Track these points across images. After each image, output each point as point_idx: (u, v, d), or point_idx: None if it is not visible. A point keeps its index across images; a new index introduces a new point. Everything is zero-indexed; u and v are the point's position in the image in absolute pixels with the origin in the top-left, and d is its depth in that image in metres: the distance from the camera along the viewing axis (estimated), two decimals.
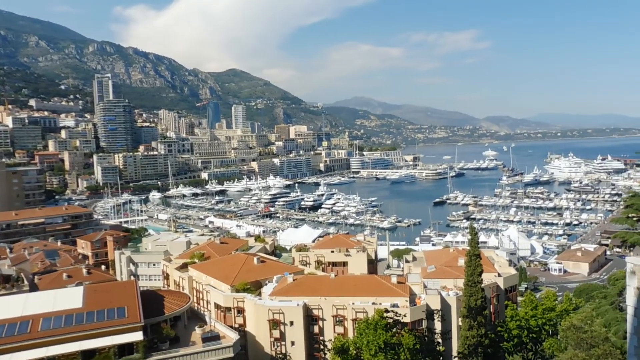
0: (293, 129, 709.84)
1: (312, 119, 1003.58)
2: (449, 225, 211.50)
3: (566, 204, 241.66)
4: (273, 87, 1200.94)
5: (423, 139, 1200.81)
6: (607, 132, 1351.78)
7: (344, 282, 67.02)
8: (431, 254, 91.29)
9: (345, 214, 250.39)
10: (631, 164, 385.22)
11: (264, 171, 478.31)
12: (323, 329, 59.72)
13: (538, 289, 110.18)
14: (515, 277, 77.97)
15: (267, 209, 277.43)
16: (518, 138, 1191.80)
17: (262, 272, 69.91)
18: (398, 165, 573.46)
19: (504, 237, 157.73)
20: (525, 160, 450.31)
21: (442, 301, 60.63)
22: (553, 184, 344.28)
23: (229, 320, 60.93)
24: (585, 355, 39.61)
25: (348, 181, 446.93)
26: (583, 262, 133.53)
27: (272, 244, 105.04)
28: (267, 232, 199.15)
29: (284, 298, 61.06)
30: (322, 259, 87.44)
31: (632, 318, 18.32)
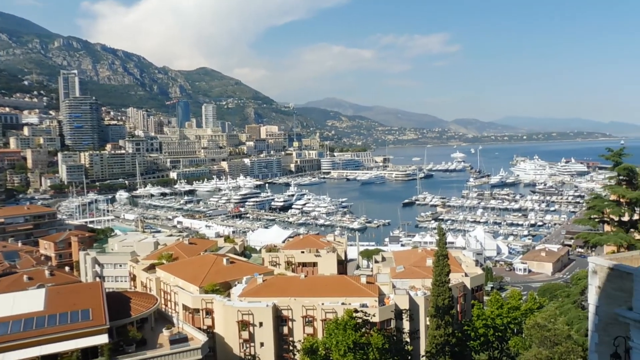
0: (264, 129, 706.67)
1: (284, 119, 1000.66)
2: (418, 225, 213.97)
3: (531, 205, 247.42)
4: (244, 87, 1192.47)
5: (393, 141, 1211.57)
6: (571, 135, 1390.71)
7: (313, 283, 67.05)
8: (400, 254, 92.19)
9: (316, 214, 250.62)
10: (593, 166, 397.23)
11: (234, 171, 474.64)
12: (293, 329, 59.58)
13: (504, 289, 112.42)
14: (482, 277, 79.45)
15: (237, 209, 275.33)
16: (485, 141, 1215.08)
17: (232, 273, 69.34)
18: (368, 166, 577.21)
19: (471, 237, 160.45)
20: (492, 163, 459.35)
21: (410, 301, 61.26)
22: (518, 186, 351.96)
23: (197, 322, 60.19)
24: (548, 353, 40.58)
25: (319, 182, 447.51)
26: (547, 262, 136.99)
27: (242, 245, 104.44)
28: (236, 233, 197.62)
29: (254, 299, 60.66)
30: (292, 259, 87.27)
31: (594, 316, 18.81)
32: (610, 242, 49.25)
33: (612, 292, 17.68)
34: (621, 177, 51.87)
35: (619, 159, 53.43)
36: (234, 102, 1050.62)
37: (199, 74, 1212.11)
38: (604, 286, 18.11)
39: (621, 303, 17.14)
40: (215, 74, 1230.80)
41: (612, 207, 50.97)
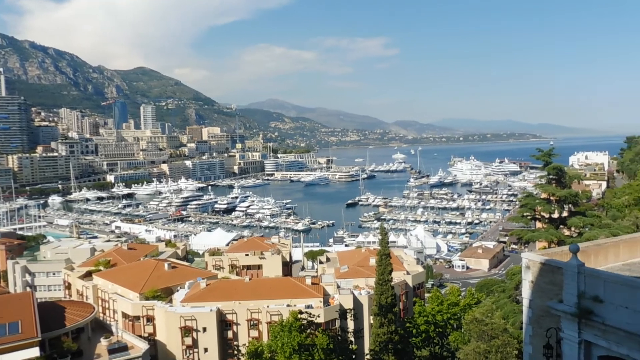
0: (206, 130, 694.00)
1: (226, 121, 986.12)
2: (361, 226, 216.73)
3: (468, 204, 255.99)
4: (184, 87, 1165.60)
5: (336, 142, 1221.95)
6: (504, 137, 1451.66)
7: (258, 286, 66.59)
8: (344, 254, 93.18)
9: (260, 216, 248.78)
10: (525, 166, 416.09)
11: (175, 173, 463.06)
12: (237, 333, 58.92)
13: (443, 285, 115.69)
14: (423, 275, 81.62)
15: (178, 213, 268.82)
16: (424, 142, 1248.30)
17: (174, 278, 67.72)
18: (312, 168, 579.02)
19: (412, 236, 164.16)
20: (431, 163, 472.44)
21: (354, 300, 62.03)
22: (456, 186, 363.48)
23: (137, 330, 58.34)
24: (486, 346, 42.19)
25: (262, 183, 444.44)
26: (483, 258, 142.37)
27: (184, 249, 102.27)
28: (178, 237, 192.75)
29: (197, 304, 59.51)
30: (236, 262, 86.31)
31: (527, 309, 19.68)
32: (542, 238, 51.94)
33: (544, 286, 18.59)
34: (551, 176, 54.84)
35: (548, 159, 56.47)
36: (174, 102, 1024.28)
37: (136, 73, 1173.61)
38: (536, 280, 19.01)
39: (552, 296, 18.05)
40: (154, 74, 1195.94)
41: (543, 204, 53.78)
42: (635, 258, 21.65)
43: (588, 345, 16.89)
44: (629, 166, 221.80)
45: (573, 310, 16.79)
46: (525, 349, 20.32)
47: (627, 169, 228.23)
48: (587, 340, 16.83)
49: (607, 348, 16.22)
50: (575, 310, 16.72)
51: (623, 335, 15.40)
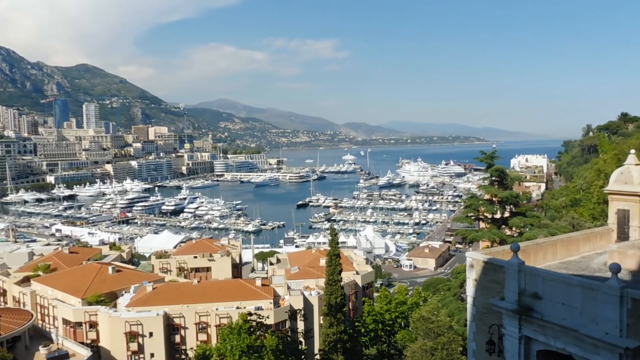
0: (152, 130, 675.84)
1: (174, 120, 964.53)
2: (312, 227, 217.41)
3: (415, 205, 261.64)
4: (130, 85, 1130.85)
5: (287, 143, 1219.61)
6: (450, 139, 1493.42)
7: (207, 288, 65.62)
8: (294, 255, 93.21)
9: (209, 218, 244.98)
10: (470, 168, 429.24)
11: (120, 174, 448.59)
12: (185, 337, 57.84)
13: (392, 285, 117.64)
14: (372, 275, 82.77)
15: (123, 215, 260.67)
16: (374, 143, 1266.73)
17: (118, 282, 65.70)
18: (262, 169, 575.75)
19: (361, 237, 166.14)
20: (380, 165, 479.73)
21: (304, 301, 62.19)
22: (404, 187, 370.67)
23: (79, 337, 56.23)
24: (432, 344, 43.29)
25: (212, 184, 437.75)
26: (430, 258, 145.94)
27: (130, 252, 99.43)
28: (123, 240, 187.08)
29: (143, 308, 57.98)
30: (184, 265, 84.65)
31: (471, 307, 20.34)
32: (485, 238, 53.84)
33: (487, 284, 19.28)
34: (493, 178, 56.93)
35: (491, 161, 58.60)
36: (118, 101, 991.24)
37: (79, 70, 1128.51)
38: (479, 279, 19.69)
39: (495, 294, 18.75)
40: (97, 72, 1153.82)
41: (486, 205, 55.75)
42: (571, 256, 22.81)
43: (528, 340, 17.65)
44: (566, 169, 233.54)
45: (514, 307, 17.51)
46: (469, 346, 21.00)
47: (564, 171, 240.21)
48: (527, 335, 17.59)
49: (545, 343, 17.01)
50: (515, 307, 17.43)
51: (559, 330, 16.20)
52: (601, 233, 24.69)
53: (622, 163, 25.80)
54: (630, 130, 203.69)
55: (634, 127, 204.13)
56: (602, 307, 14.81)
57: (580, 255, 23.04)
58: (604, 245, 23.36)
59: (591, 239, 24.01)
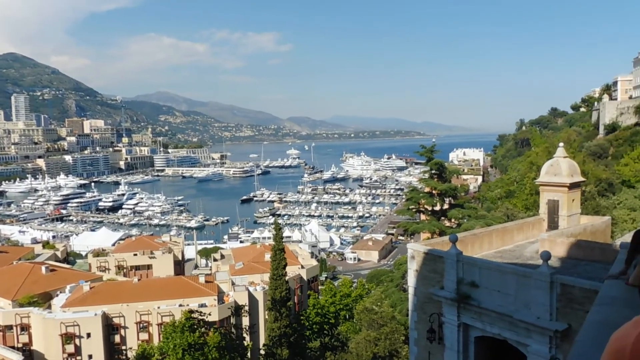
0: (88, 123, 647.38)
1: (111, 113, 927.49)
2: (256, 221, 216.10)
3: (359, 198, 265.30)
4: (63, 76, 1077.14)
5: (230, 137, 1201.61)
6: (392, 134, 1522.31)
7: (148, 286, 63.98)
8: (239, 250, 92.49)
9: (150, 214, 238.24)
10: (411, 162, 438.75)
11: (53, 169, 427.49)
12: (125, 337, 56.19)
13: (336, 278, 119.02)
14: (317, 268, 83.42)
15: (57, 212, 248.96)
16: (318, 138, 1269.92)
17: (53, 282, 62.89)
18: (205, 163, 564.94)
19: (306, 231, 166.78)
20: (324, 159, 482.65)
21: (249, 296, 61.85)
22: (348, 181, 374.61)
23: (10, 341, 53.42)
24: (376, 334, 44.20)
25: (152, 180, 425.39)
26: (374, 250, 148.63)
27: (65, 250, 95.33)
28: (57, 238, 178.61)
29: (80, 308, 55.81)
30: (123, 263, 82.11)
31: (413, 297, 20.88)
32: (425, 229, 55.36)
33: (427, 274, 19.85)
34: (433, 171, 58.59)
35: (431, 155, 60.26)
36: (51, 92, 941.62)
37: (6, 59, 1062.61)
38: (420, 269, 20.23)
39: (435, 283, 19.33)
40: (27, 61, 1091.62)
41: (426, 198, 57.33)
42: (506, 245, 23.85)
43: (466, 327, 18.33)
44: (501, 162, 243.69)
45: (452, 296, 18.12)
46: (411, 335, 21.58)
47: (499, 164, 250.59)
48: (465, 323, 18.26)
49: (482, 329, 17.72)
50: (454, 296, 18.05)
51: (495, 316, 16.92)
52: (533, 222, 25.95)
53: (552, 156, 27.20)
54: (559, 124, 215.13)
55: (562, 122, 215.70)
56: (534, 292, 15.58)
57: (514, 244, 24.13)
58: (536, 234, 24.57)
59: (524, 229, 25.20)
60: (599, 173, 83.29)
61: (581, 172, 27.14)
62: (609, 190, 74.76)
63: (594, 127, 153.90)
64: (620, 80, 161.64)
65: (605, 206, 58.78)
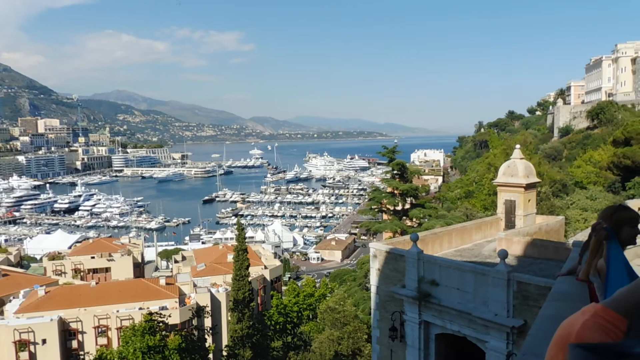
0: (42, 122, 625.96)
1: (66, 112, 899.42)
2: (219, 222, 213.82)
3: (322, 198, 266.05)
4: (15, 74, 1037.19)
5: (191, 137, 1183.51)
6: (355, 134, 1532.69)
7: (107, 290, 62.43)
8: (201, 252, 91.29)
9: (108, 215, 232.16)
10: (373, 162, 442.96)
11: (5, 170, 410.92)
12: (83, 342, 54.69)
13: (300, 278, 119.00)
14: (280, 268, 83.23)
15: (10, 214, 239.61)
16: (281, 138, 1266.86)
17: (5, 287, 60.64)
18: (166, 164, 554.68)
19: (269, 231, 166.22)
20: (287, 159, 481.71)
21: (212, 298, 61.17)
22: (311, 181, 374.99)
23: None
24: (339, 333, 44.45)
25: (110, 180, 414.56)
26: (337, 250, 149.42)
27: (18, 254, 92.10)
28: (10, 241, 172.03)
29: (34, 314, 53.94)
30: (80, 266, 79.80)
31: (375, 296, 21.14)
32: (387, 229, 56.02)
33: (389, 272, 20.14)
34: (395, 171, 59.35)
35: (393, 155, 61.04)
36: (2, 91, 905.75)
37: None
38: (382, 268, 20.52)
39: (396, 282, 19.64)
40: None
41: (388, 198, 58.02)
42: (465, 244, 24.45)
43: (427, 325, 18.71)
44: (461, 163, 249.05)
45: (414, 294, 18.46)
46: (373, 333, 21.84)
47: (459, 165, 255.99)
48: (426, 320, 18.63)
49: (443, 326, 18.13)
50: (415, 294, 18.39)
51: (455, 314, 17.34)
52: (491, 222, 26.70)
53: (509, 157, 28.04)
54: (516, 127, 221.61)
55: (519, 124, 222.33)
56: (492, 290, 16.06)
57: (473, 243, 24.77)
58: (494, 233, 25.29)
59: (482, 228, 25.89)
60: (553, 174, 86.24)
61: (537, 173, 28.11)
62: (562, 191, 77.50)
63: (549, 130, 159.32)
64: (574, 85, 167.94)
65: (559, 206, 60.91)
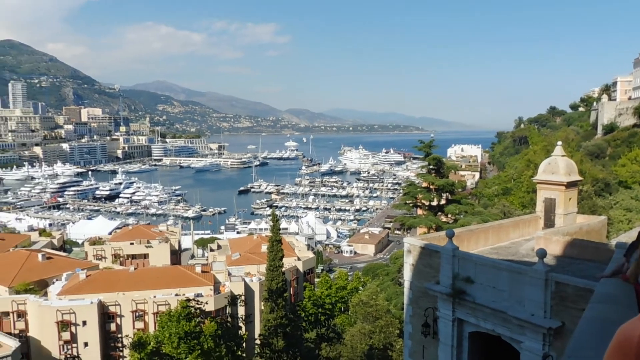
0: (85, 111, 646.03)
1: (108, 102, 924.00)
2: (253, 213, 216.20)
3: (356, 192, 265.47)
4: (60, 64, 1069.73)
5: (228, 128, 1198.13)
6: (390, 128, 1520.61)
7: (144, 275, 64.14)
8: (236, 241, 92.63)
9: (147, 203, 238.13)
10: (409, 156, 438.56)
11: (50, 157, 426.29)
12: (121, 325, 56.46)
13: (332, 270, 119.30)
14: (313, 260, 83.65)
15: (54, 200, 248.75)
16: (316, 130, 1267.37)
17: (49, 270, 63.02)
18: (203, 154, 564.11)
19: (303, 223, 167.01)
20: (322, 152, 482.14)
21: (245, 287, 62.06)
22: (346, 174, 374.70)
23: (6, 327, 53.63)
24: (371, 327, 44.49)
25: (149, 169, 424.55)
26: (370, 244, 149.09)
27: (61, 238, 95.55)
28: (54, 226, 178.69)
29: (76, 296, 55.99)
30: (120, 252, 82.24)
31: (408, 291, 21.04)
32: (422, 224, 55.53)
33: (423, 268, 20.01)
34: (431, 166, 58.66)
35: (429, 150, 60.31)
36: (48, 80, 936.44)
37: (3, 46, 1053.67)
38: (416, 264, 20.39)
39: (430, 278, 19.50)
40: (24, 48, 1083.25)
41: (424, 193, 57.45)
42: (502, 242, 24.03)
43: (461, 322, 18.52)
44: (499, 159, 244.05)
45: (448, 291, 18.29)
46: (405, 328, 21.77)
47: (497, 161, 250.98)
48: (459, 318, 18.45)
49: (477, 325, 17.92)
50: (449, 291, 18.22)
51: (489, 312, 17.11)
52: (529, 220, 26.13)
53: (550, 154, 27.34)
54: (557, 123, 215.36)
55: (561, 120, 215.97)
56: (529, 289, 15.77)
57: (510, 241, 24.32)
58: (532, 231, 24.76)
59: (520, 226, 25.38)
60: (596, 173, 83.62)
61: (578, 171, 27.31)
62: (605, 191, 75.04)
63: (592, 127, 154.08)
64: (620, 80, 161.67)
65: (601, 206, 59.07)
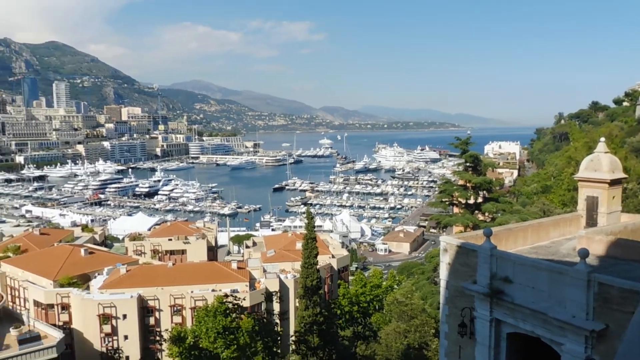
0: (125, 110, 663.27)
1: (147, 101, 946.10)
2: (288, 210, 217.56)
3: (391, 189, 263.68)
4: (101, 64, 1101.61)
5: (263, 126, 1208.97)
6: (425, 125, 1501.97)
7: (182, 271, 65.40)
8: (271, 238, 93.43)
9: (184, 200, 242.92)
10: (445, 154, 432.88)
11: (92, 155, 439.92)
12: (160, 320, 57.74)
13: (367, 268, 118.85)
14: (347, 258, 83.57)
15: (96, 196, 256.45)
16: (350, 128, 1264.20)
17: (91, 264, 64.98)
18: (239, 152, 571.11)
19: (337, 221, 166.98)
20: (356, 149, 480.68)
21: (280, 284, 62.54)
22: (380, 172, 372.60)
23: (51, 319, 55.63)
24: (406, 326, 44.15)
25: (187, 167, 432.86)
26: (405, 242, 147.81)
27: (102, 234, 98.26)
28: (96, 221, 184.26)
29: (116, 290, 57.57)
30: (158, 247, 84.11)
31: (444, 290, 20.77)
32: (459, 222, 54.73)
33: (460, 267, 19.71)
34: (467, 163, 57.69)
35: (465, 147, 59.31)
36: (90, 80, 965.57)
37: (48, 48, 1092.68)
38: (452, 263, 20.10)
39: (467, 277, 19.18)
40: (67, 49, 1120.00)
41: (460, 191, 56.58)
42: (541, 241, 23.42)
43: (498, 323, 18.16)
44: (538, 156, 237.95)
45: (485, 291, 17.96)
46: (441, 328, 21.49)
47: (536, 158, 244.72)
48: (497, 318, 18.08)
49: (515, 325, 17.52)
50: (487, 291, 17.88)
51: (528, 313, 16.71)
52: (570, 219, 25.37)
53: (592, 151, 26.45)
54: (600, 118, 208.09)
55: (604, 116, 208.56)
56: (570, 290, 15.31)
57: (550, 240, 23.67)
58: (573, 230, 24.02)
59: (561, 225, 24.66)
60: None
61: (623, 168, 26.35)
62: None
63: (638, 123, 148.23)
64: None
65: None
